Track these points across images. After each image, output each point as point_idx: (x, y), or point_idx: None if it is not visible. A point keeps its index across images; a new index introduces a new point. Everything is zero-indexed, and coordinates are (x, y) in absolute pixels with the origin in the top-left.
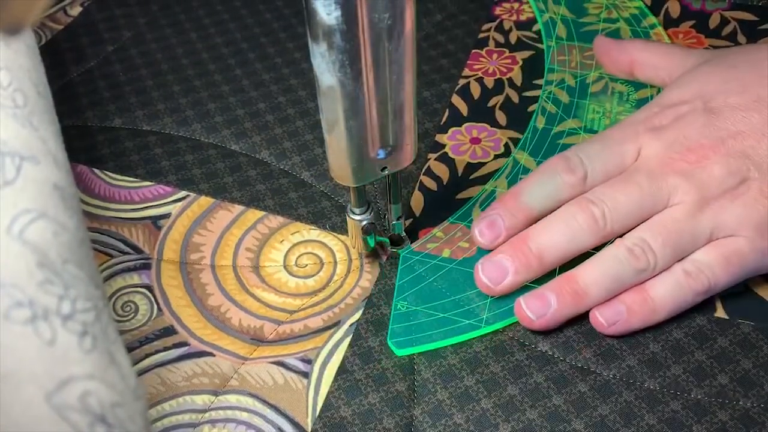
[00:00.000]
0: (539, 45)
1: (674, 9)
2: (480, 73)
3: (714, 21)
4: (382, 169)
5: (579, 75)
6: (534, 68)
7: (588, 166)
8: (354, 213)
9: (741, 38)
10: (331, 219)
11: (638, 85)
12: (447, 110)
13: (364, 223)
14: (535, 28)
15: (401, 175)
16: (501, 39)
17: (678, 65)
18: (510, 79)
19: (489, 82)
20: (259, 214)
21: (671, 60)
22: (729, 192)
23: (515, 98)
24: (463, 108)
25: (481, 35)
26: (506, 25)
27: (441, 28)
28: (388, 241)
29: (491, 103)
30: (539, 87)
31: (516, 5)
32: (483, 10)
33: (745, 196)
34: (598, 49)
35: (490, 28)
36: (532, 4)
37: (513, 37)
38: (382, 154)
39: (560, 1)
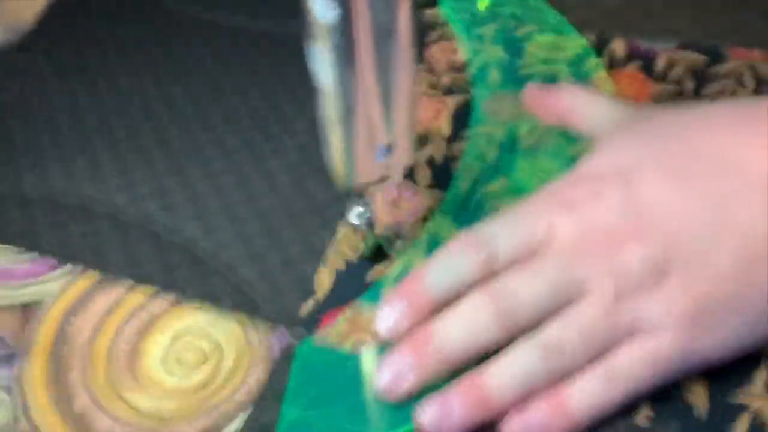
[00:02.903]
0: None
1: (620, 48)
2: None
3: (661, 62)
4: (383, 169)
5: (509, 127)
6: (464, 117)
7: (494, 246)
8: (352, 213)
9: (688, 82)
10: (222, 301)
11: (572, 139)
12: None
13: (362, 222)
14: (469, 70)
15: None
16: (433, 82)
17: (609, 119)
18: (438, 129)
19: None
20: (144, 295)
21: (603, 113)
22: (649, 283)
23: (441, 151)
24: None
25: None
26: (438, 67)
27: None
28: (384, 242)
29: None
30: (467, 138)
31: (452, 43)
32: (420, 48)
33: (667, 288)
34: (530, 97)
35: (421, 70)
36: (466, 42)
37: (445, 81)
38: (381, 154)
39: (498, 41)
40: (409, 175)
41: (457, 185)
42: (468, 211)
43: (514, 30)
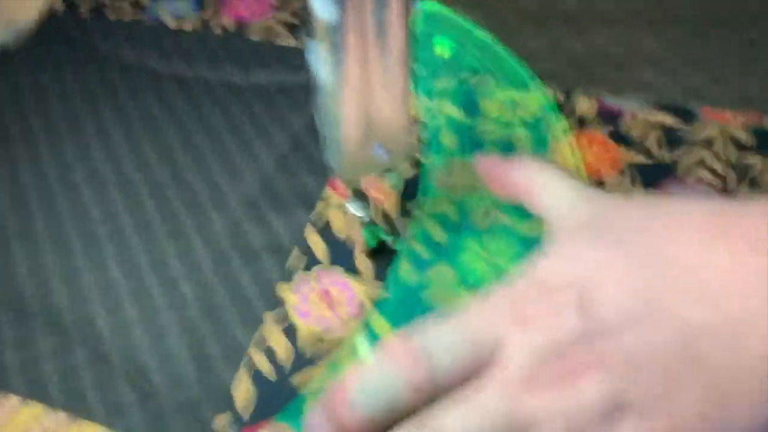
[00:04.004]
0: (424, 159)
1: (586, 106)
2: None
3: (629, 125)
4: (381, 165)
5: (460, 202)
6: (412, 189)
7: (437, 362)
8: (352, 208)
9: (658, 149)
10: (126, 416)
11: (525, 216)
12: (296, 249)
13: (363, 217)
14: (421, 132)
15: (400, 173)
16: None
17: (567, 204)
18: (381, 208)
19: None
20: (38, 409)
21: (561, 195)
22: (603, 423)
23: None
24: (318, 248)
25: None
26: None
27: (309, 128)
28: (389, 237)
29: (351, 242)
30: (415, 217)
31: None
32: None
33: (622, 430)
34: (482, 170)
35: None
36: (419, 99)
37: None
38: (379, 150)
39: (453, 98)
40: (345, 260)
41: (397, 274)
42: (408, 305)
43: (471, 85)
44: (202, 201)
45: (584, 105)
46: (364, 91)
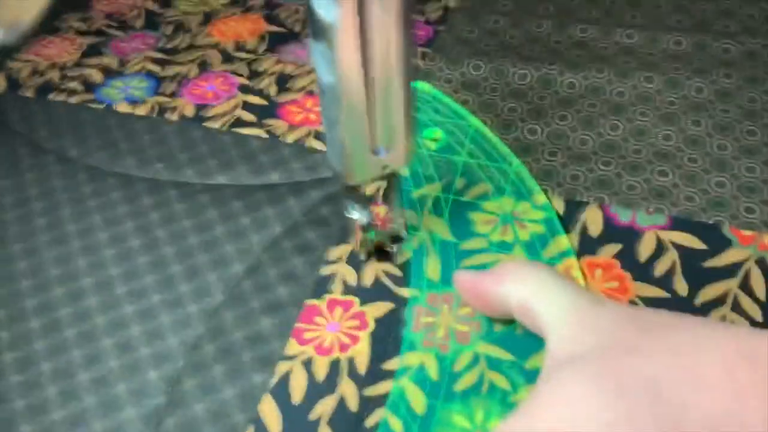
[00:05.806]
0: (404, 292)
1: (594, 221)
2: (312, 348)
3: (646, 247)
4: (383, 167)
5: (446, 356)
6: (389, 337)
7: None
8: (353, 211)
9: (680, 284)
10: None
11: (522, 377)
12: (251, 429)
13: (363, 220)
14: (403, 257)
15: (401, 174)
16: (352, 277)
17: (563, 327)
18: (351, 361)
19: (320, 367)
20: None
21: (556, 314)
22: None
23: (353, 401)
24: (273, 424)
25: (325, 270)
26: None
27: (277, 254)
28: (388, 238)
29: (315, 413)
30: (391, 375)
31: (383, 210)
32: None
33: None
34: (462, 287)
35: (341, 257)
36: (404, 212)
37: (369, 276)
38: (382, 152)
39: (441, 211)
40: None
41: None
42: None
43: (463, 192)
44: (135, 346)
45: (592, 220)
46: (365, 92)
